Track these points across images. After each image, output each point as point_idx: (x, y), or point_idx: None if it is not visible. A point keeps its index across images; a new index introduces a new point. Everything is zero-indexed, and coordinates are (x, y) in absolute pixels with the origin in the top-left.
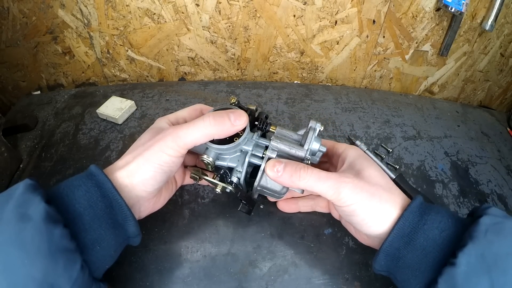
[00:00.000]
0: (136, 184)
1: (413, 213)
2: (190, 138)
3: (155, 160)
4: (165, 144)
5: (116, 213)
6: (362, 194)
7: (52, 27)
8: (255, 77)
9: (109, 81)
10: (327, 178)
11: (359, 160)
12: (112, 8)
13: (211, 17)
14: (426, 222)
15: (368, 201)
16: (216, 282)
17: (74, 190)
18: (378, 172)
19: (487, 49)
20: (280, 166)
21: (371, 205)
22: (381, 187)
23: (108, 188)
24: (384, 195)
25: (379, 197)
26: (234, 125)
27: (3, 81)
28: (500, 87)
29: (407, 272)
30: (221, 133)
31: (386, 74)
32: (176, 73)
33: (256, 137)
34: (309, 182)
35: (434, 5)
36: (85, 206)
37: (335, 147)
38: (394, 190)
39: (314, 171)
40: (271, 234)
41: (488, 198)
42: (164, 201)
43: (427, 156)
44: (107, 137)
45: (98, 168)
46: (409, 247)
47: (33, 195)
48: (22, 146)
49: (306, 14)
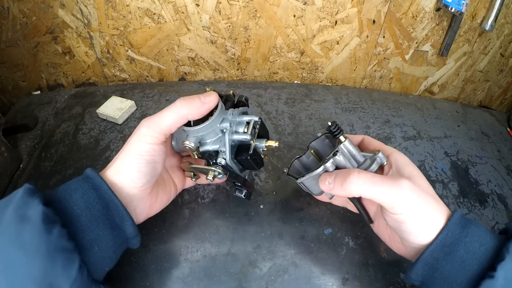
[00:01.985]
0: (124, 181)
1: (456, 225)
2: (165, 122)
3: (135, 151)
4: (141, 133)
5: (113, 213)
6: (417, 202)
7: (52, 27)
8: (255, 77)
9: (109, 81)
10: (382, 182)
11: (409, 167)
12: (112, 8)
13: (211, 17)
14: (467, 235)
15: (421, 210)
16: (216, 282)
17: (71, 193)
18: (426, 182)
19: (487, 49)
20: (330, 178)
21: (423, 215)
22: (432, 196)
23: (104, 190)
24: (435, 205)
25: (431, 207)
26: (204, 102)
27: (3, 81)
28: (500, 87)
29: (442, 284)
30: (193, 112)
31: (386, 74)
32: (176, 73)
33: (235, 115)
34: (362, 187)
35: (434, 5)
36: (83, 208)
37: (383, 149)
38: (438, 199)
39: (368, 175)
40: (271, 234)
41: (488, 198)
42: (162, 203)
43: (427, 156)
44: (107, 137)
45: (94, 171)
46: (449, 258)
47: (31, 198)
48: (22, 146)
49: (306, 14)
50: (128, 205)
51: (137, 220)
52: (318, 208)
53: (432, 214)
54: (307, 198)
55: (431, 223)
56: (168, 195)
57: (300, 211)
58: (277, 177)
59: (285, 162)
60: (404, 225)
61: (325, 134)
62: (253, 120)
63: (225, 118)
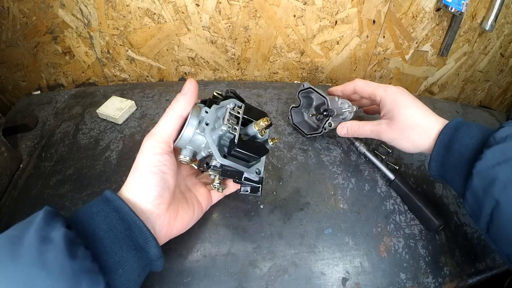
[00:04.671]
0: (136, 197)
1: (450, 129)
2: (163, 130)
3: (142, 164)
4: (145, 146)
5: (136, 235)
6: (393, 135)
7: (52, 27)
8: (255, 77)
9: (109, 81)
10: (372, 127)
11: (393, 105)
12: (112, 8)
13: (211, 17)
14: (459, 133)
15: (399, 138)
16: (216, 282)
17: (92, 216)
18: (409, 108)
19: (487, 49)
20: (344, 129)
21: (403, 139)
22: (410, 127)
23: (126, 212)
24: (414, 130)
25: (408, 133)
26: (184, 93)
27: (3, 81)
28: (500, 87)
29: (452, 172)
30: (181, 106)
31: (386, 74)
32: (176, 73)
33: (212, 112)
34: (360, 132)
35: (434, 5)
36: (105, 230)
37: (374, 95)
38: (424, 122)
39: (365, 126)
40: (271, 234)
41: None
42: (184, 223)
43: (427, 156)
44: (107, 137)
45: (113, 193)
46: (450, 153)
47: (53, 221)
48: (22, 146)
49: (306, 14)
50: (145, 222)
51: (158, 241)
52: (318, 208)
53: (410, 139)
54: (307, 198)
55: (413, 143)
56: (190, 214)
57: (300, 211)
58: (277, 177)
59: (285, 162)
60: (395, 146)
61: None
62: (227, 107)
63: (201, 118)
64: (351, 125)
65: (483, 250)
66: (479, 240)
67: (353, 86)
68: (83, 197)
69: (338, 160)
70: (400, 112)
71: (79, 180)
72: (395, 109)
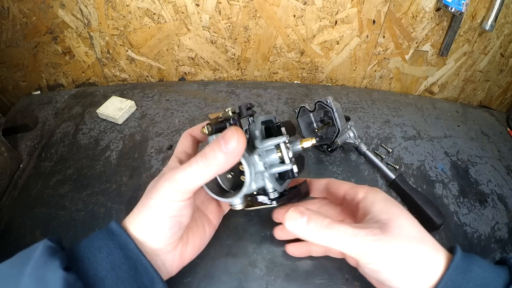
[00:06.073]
0: (147, 237)
1: (456, 271)
2: (191, 182)
3: (158, 208)
4: (164, 190)
5: (142, 275)
6: (390, 252)
7: (52, 27)
8: (255, 77)
9: (109, 81)
10: (353, 236)
11: (386, 207)
12: (112, 8)
13: (211, 17)
14: (470, 281)
15: (397, 258)
16: (216, 282)
17: (95, 252)
18: (408, 220)
19: (487, 49)
20: (302, 219)
21: (400, 262)
22: (413, 239)
23: (132, 249)
24: (416, 249)
25: (410, 253)
26: (227, 152)
27: (3, 81)
28: (500, 87)
29: None
30: (220, 168)
31: (386, 74)
32: (176, 73)
33: (258, 141)
34: (333, 241)
35: (434, 5)
36: (108, 270)
37: (354, 191)
38: (428, 240)
39: (340, 228)
40: (271, 234)
41: (488, 198)
42: (195, 248)
43: (427, 156)
44: (107, 137)
45: (119, 226)
46: None
47: (51, 259)
48: (22, 146)
49: (306, 14)
50: (153, 260)
51: (169, 273)
52: None
53: (409, 261)
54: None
55: (411, 270)
56: (202, 236)
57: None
58: None
59: None
60: (380, 274)
61: None
62: (282, 141)
63: (251, 156)
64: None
65: (483, 250)
66: (479, 240)
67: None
68: (83, 197)
69: (338, 160)
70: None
71: (79, 180)
72: (391, 211)
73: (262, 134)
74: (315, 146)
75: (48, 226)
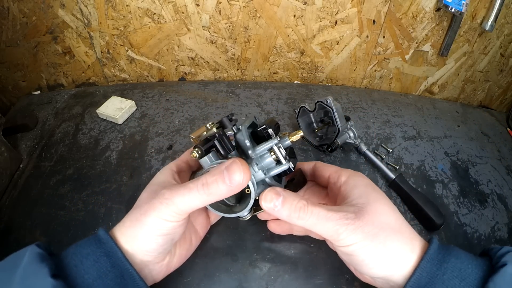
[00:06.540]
0: (137, 250)
1: (432, 261)
2: (188, 205)
3: (153, 226)
4: (160, 211)
5: (128, 283)
6: (362, 235)
7: (52, 27)
8: (255, 77)
9: (109, 81)
10: (326, 219)
11: (365, 192)
12: (112, 8)
13: (211, 17)
14: (445, 271)
15: (369, 241)
16: (216, 282)
17: (82, 259)
18: (386, 206)
19: (487, 49)
20: (278, 200)
21: (373, 246)
22: (388, 226)
23: (119, 258)
24: (391, 235)
25: (383, 238)
26: (230, 185)
27: (3, 81)
28: (500, 87)
29: None
30: (221, 197)
31: (386, 74)
32: (176, 73)
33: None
34: (307, 222)
35: (434, 5)
36: (95, 277)
37: (338, 174)
38: (405, 228)
39: (314, 210)
40: (271, 234)
41: (488, 198)
42: (181, 259)
43: (427, 156)
44: (107, 137)
45: (106, 234)
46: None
47: (39, 267)
48: (22, 146)
49: (306, 14)
50: (142, 270)
51: (155, 281)
52: None
53: (384, 245)
54: None
55: (386, 255)
56: (188, 248)
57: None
58: None
59: None
60: (354, 258)
61: None
62: (273, 144)
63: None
64: (294, 204)
65: None
66: (479, 240)
67: (312, 165)
68: (83, 197)
69: (338, 160)
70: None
71: (79, 180)
72: (370, 196)
73: (251, 142)
74: (315, 146)
75: (48, 226)
